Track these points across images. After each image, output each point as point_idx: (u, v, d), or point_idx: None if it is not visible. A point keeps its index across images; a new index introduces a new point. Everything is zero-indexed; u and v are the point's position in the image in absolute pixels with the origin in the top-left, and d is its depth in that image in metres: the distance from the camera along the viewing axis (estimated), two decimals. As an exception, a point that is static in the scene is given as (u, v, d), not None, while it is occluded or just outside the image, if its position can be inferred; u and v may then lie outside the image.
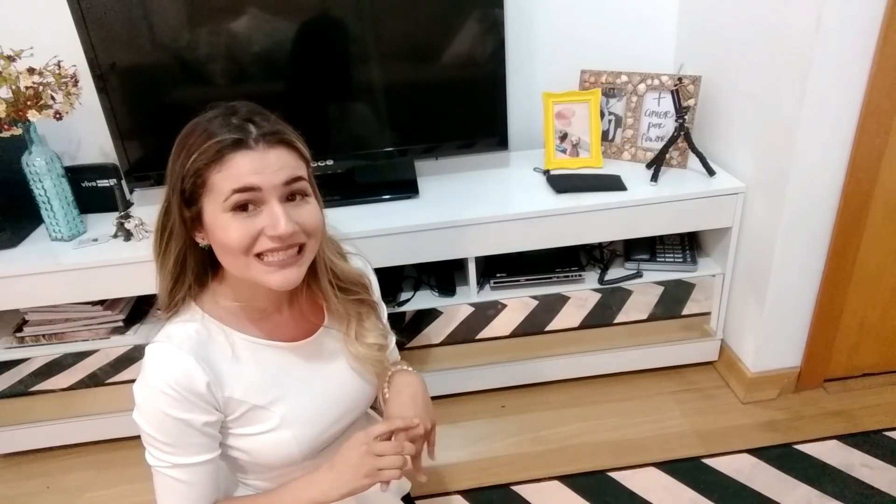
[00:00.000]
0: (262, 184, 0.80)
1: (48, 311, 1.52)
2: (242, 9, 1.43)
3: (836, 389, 1.67)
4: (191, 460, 0.86)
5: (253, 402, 0.90)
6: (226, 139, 0.79)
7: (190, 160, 0.80)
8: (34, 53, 1.36)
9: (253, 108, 0.84)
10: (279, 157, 0.81)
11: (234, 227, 0.81)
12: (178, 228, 0.86)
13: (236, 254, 0.82)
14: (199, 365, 0.85)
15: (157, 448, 0.85)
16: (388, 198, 1.59)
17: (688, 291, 1.65)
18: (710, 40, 1.62)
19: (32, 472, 1.63)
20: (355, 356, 1.00)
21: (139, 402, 0.85)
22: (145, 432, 0.85)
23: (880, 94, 1.28)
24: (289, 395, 0.94)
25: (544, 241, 1.52)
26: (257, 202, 0.81)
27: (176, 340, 0.86)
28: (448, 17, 1.50)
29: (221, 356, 0.89)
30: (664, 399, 1.70)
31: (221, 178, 0.80)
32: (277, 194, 0.81)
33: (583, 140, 1.65)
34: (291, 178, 0.82)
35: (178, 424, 0.84)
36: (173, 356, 0.84)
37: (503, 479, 1.49)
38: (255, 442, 0.92)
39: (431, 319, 1.61)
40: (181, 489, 0.87)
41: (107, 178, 1.61)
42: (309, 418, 0.96)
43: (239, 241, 0.81)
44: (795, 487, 1.40)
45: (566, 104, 1.64)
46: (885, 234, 1.47)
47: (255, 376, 0.91)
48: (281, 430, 0.92)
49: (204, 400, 0.85)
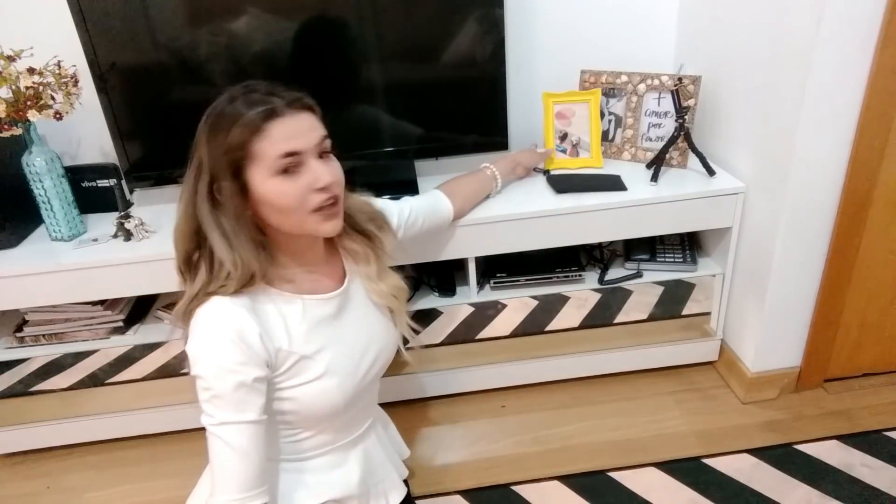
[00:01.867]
0: (302, 147, 0.92)
1: (48, 311, 1.53)
2: (242, 9, 1.43)
3: (836, 389, 1.67)
4: (238, 417, 0.89)
5: (301, 352, 0.98)
6: (260, 111, 0.89)
7: (230, 135, 0.89)
8: (34, 53, 1.36)
9: (267, 84, 0.94)
10: (307, 119, 0.94)
11: (285, 188, 0.91)
12: (236, 203, 0.93)
13: (290, 212, 0.93)
14: (251, 316, 0.92)
15: (209, 403, 0.90)
16: (388, 198, 1.59)
17: (688, 291, 1.65)
18: (710, 40, 1.62)
19: (32, 472, 1.63)
20: (378, 293, 1.11)
21: (194, 356, 0.90)
22: (200, 388, 0.90)
23: (880, 94, 1.28)
24: (331, 343, 1.02)
25: (544, 241, 1.52)
26: (299, 163, 0.92)
27: (227, 297, 0.92)
28: (448, 17, 1.50)
29: (268, 311, 0.96)
30: (664, 399, 1.70)
31: (265, 147, 0.90)
32: (314, 153, 0.94)
33: (583, 140, 1.65)
34: (322, 137, 0.95)
35: (230, 377, 0.88)
36: (227, 308, 0.91)
37: (503, 479, 1.49)
38: (302, 391, 0.99)
39: (431, 319, 1.61)
40: (230, 456, 0.90)
41: (107, 178, 1.61)
42: (348, 364, 1.04)
43: (293, 198, 0.92)
44: (795, 487, 1.40)
45: (566, 104, 1.64)
46: (885, 234, 1.47)
47: (300, 328, 0.99)
48: (326, 378, 1.00)
49: (255, 352, 0.91)
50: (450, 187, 1.41)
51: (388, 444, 1.30)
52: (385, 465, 1.23)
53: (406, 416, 1.66)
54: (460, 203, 1.40)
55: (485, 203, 1.52)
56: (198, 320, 0.92)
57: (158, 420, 1.64)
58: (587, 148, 1.65)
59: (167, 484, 1.55)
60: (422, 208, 1.30)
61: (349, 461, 1.13)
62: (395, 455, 1.32)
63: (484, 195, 1.50)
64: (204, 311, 0.91)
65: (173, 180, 1.55)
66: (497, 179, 1.51)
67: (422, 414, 1.69)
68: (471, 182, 1.47)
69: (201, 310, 0.92)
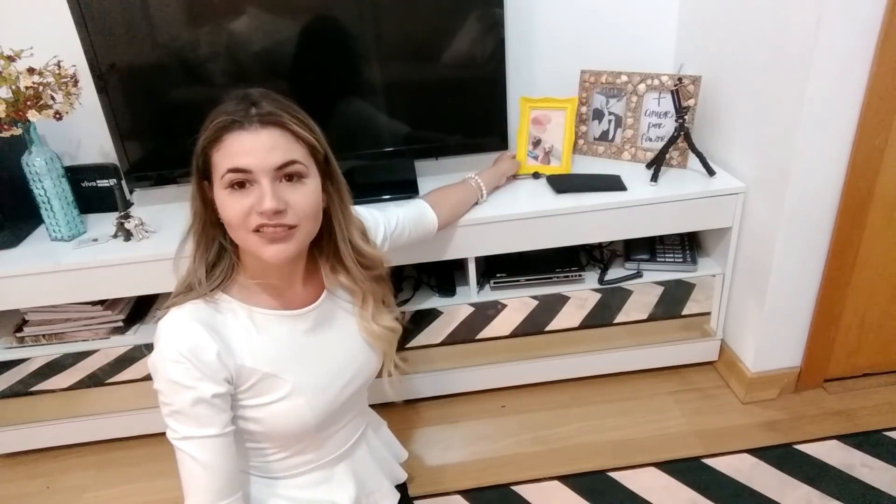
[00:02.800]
0: (253, 166, 0.85)
1: (48, 311, 1.52)
2: (242, 9, 1.43)
3: (836, 389, 1.67)
4: (199, 432, 0.88)
5: (264, 369, 0.94)
6: (224, 120, 0.86)
7: (200, 139, 0.88)
8: (34, 53, 1.36)
9: (264, 93, 0.90)
10: (271, 138, 0.87)
11: (229, 202, 0.87)
12: (198, 206, 0.92)
13: (235, 228, 0.89)
14: (208, 333, 0.89)
15: (170, 418, 0.89)
16: (387, 198, 1.59)
17: (688, 291, 1.65)
18: (710, 40, 1.62)
19: (32, 472, 1.63)
20: (369, 333, 1.07)
21: (152, 371, 0.89)
22: (161, 402, 0.89)
23: (880, 94, 1.28)
24: (299, 361, 0.98)
25: (544, 241, 1.52)
26: (251, 181, 0.87)
27: (185, 311, 0.90)
28: (448, 17, 1.50)
29: (231, 326, 0.93)
30: (664, 399, 1.70)
31: (220, 157, 0.87)
32: (269, 175, 0.86)
33: (555, 148, 1.64)
34: (284, 162, 0.87)
35: (186, 393, 0.87)
36: (183, 325, 0.89)
37: (503, 479, 1.49)
38: (268, 411, 0.95)
39: (431, 319, 1.61)
40: (195, 469, 0.89)
41: (107, 178, 1.61)
42: (319, 383, 1.00)
43: (234, 216, 0.87)
44: (795, 487, 1.40)
45: (543, 110, 1.63)
46: (885, 234, 1.47)
47: (265, 345, 0.95)
48: (294, 398, 0.96)
49: (212, 369, 0.88)
50: (434, 199, 1.37)
51: (382, 451, 1.27)
52: (376, 476, 1.20)
53: (406, 416, 1.66)
54: (445, 215, 1.37)
55: (484, 203, 1.52)
56: (157, 333, 0.90)
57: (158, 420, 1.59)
58: (558, 156, 1.64)
59: (167, 484, 1.55)
60: (408, 219, 1.26)
61: (336, 477, 1.11)
62: (390, 461, 1.30)
63: (469, 206, 1.48)
64: (162, 325, 0.90)
65: (173, 180, 1.55)
66: (482, 190, 1.49)
67: (421, 414, 1.69)
68: (455, 193, 1.44)
69: (161, 322, 0.90)
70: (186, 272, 0.97)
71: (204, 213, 0.93)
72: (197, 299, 0.92)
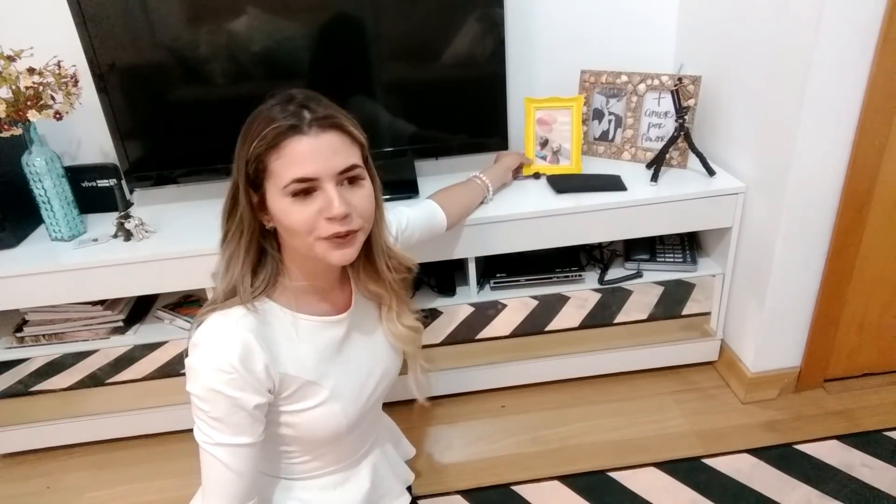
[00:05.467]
0: (318, 173, 0.85)
1: (48, 311, 1.53)
2: (242, 8, 1.43)
3: (836, 389, 1.67)
4: (234, 440, 0.87)
5: (306, 377, 0.95)
6: (281, 125, 0.84)
7: (252, 146, 0.86)
8: (34, 53, 1.36)
9: (308, 95, 0.89)
10: (332, 142, 0.86)
11: (294, 210, 0.86)
12: (247, 214, 0.90)
13: (302, 235, 0.88)
14: (258, 345, 0.87)
15: (204, 422, 0.87)
16: (387, 198, 1.58)
17: (688, 291, 1.65)
18: (710, 40, 1.62)
19: (32, 472, 1.63)
20: (395, 334, 1.08)
21: (191, 374, 0.87)
22: (196, 406, 0.87)
23: (880, 94, 1.28)
24: (335, 368, 0.99)
25: (544, 241, 1.52)
26: (312, 189, 0.86)
27: (233, 318, 0.88)
28: (448, 17, 1.50)
29: (277, 335, 0.93)
30: (664, 399, 1.70)
31: (280, 165, 0.85)
32: (334, 180, 0.87)
33: (563, 147, 1.64)
34: (346, 166, 0.87)
35: (228, 402, 0.86)
36: (233, 333, 0.87)
37: (503, 479, 1.49)
38: (305, 417, 0.96)
39: (431, 319, 1.61)
40: (223, 474, 0.89)
41: (107, 178, 1.61)
42: (353, 388, 1.02)
43: (300, 223, 0.86)
44: (795, 487, 1.40)
45: (548, 110, 1.62)
46: (885, 234, 1.47)
47: (307, 353, 0.96)
48: (330, 403, 0.97)
49: (259, 380, 0.88)
50: (442, 199, 1.36)
51: (394, 455, 1.28)
52: (388, 479, 1.21)
53: (406, 415, 1.66)
54: (454, 216, 1.36)
55: (485, 203, 1.52)
56: (201, 336, 0.87)
57: (158, 420, 1.64)
58: (567, 155, 1.64)
59: (167, 484, 1.55)
60: (419, 220, 1.25)
61: (352, 479, 1.11)
62: (400, 464, 1.31)
63: (476, 206, 1.48)
64: (208, 330, 0.87)
65: (173, 180, 1.55)
66: (488, 189, 1.49)
67: (422, 414, 1.69)
68: (463, 193, 1.43)
69: (206, 325, 0.88)
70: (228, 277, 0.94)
71: (253, 221, 0.91)
72: (240, 305, 0.90)
